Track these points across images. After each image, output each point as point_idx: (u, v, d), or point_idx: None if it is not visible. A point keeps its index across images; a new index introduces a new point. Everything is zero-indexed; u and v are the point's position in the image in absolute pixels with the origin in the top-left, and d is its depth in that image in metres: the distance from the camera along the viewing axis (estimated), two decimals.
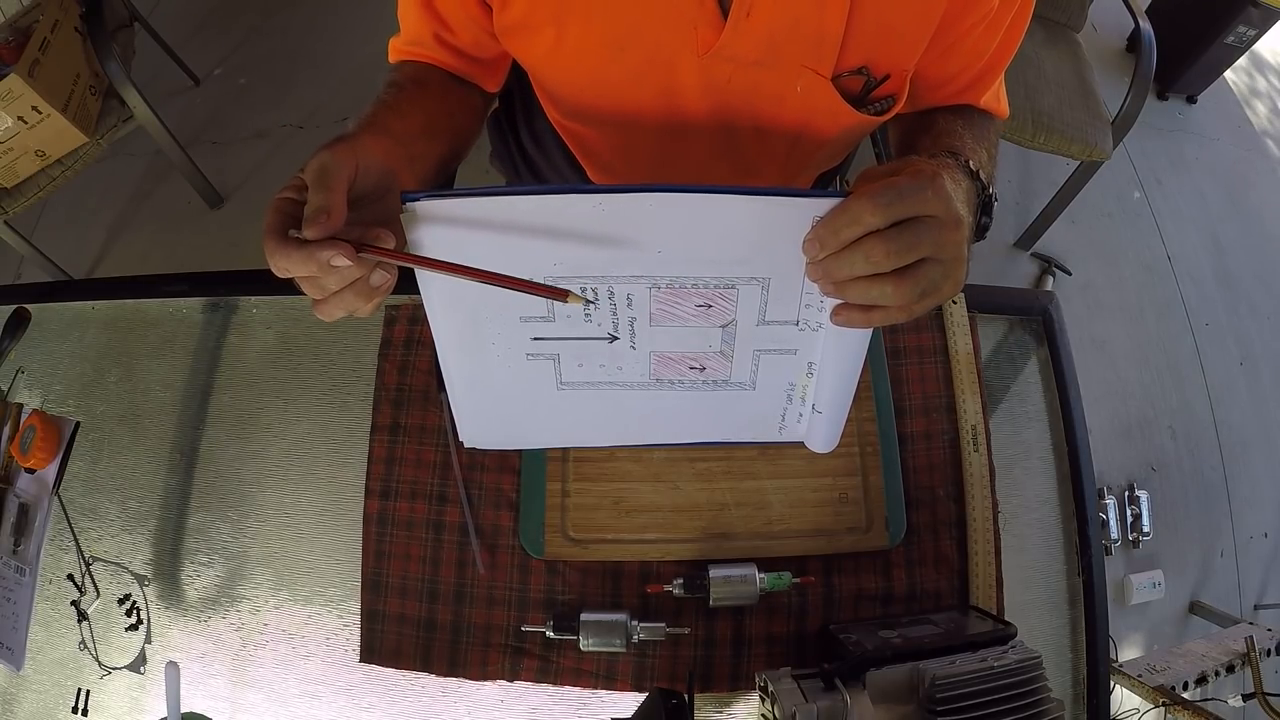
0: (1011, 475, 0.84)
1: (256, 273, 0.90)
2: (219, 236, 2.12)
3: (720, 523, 0.77)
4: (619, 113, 0.69)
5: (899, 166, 0.48)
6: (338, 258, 0.45)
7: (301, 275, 0.46)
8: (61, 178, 1.72)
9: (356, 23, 2.46)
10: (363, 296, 0.48)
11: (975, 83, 0.69)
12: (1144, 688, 1.25)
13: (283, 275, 0.47)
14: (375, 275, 0.48)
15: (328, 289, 0.47)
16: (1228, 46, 2.34)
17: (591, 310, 0.55)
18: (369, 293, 0.48)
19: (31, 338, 0.91)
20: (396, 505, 0.79)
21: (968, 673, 0.61)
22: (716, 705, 0.75)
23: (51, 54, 1.61)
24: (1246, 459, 2.03)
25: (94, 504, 0.84)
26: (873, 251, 0.44)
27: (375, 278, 0.48)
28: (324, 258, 0.45)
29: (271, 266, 0.46)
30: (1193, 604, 1.85)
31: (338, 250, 0.45)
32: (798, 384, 0.63)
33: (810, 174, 0.85)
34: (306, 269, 0.45)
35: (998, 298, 0.91)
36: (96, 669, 0.79)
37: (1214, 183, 2.42)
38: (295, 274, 0.46)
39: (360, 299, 0.48)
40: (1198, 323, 2.17)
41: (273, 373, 0.87)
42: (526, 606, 0.76)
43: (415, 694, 0.76)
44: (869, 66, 0.62)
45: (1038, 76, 1.82)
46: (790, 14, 0.57)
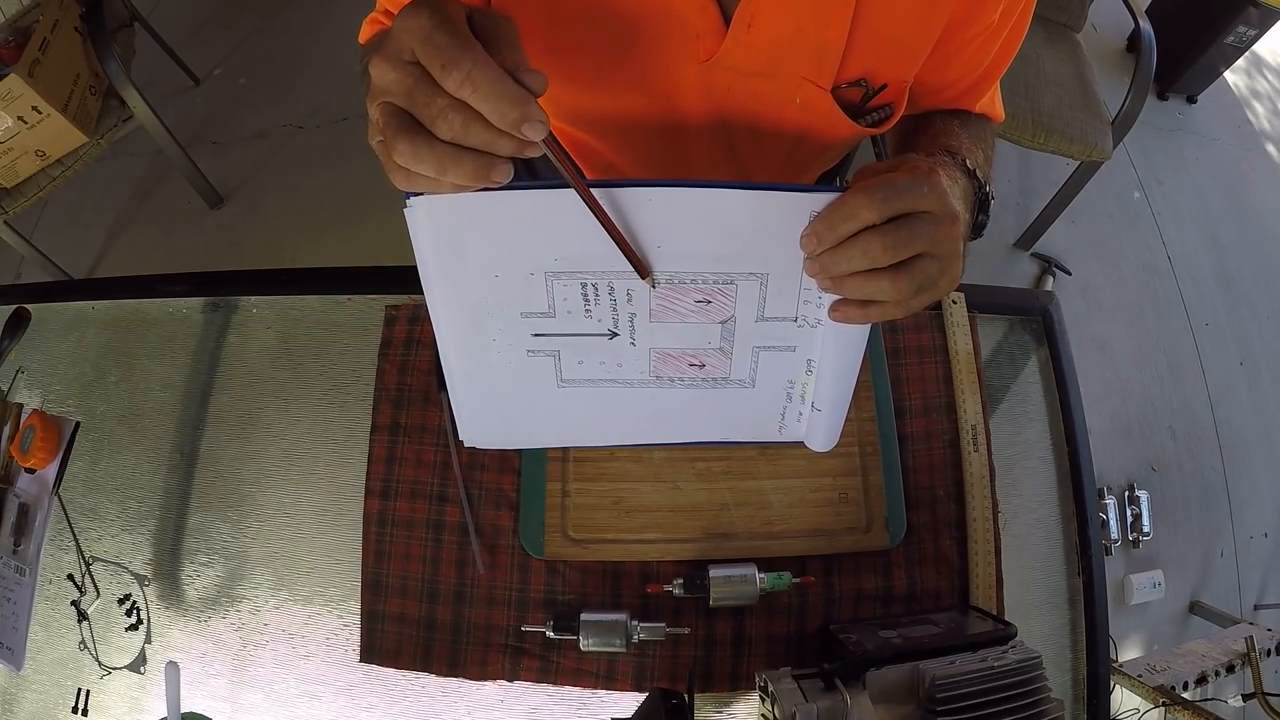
0: (1011, 475, 0.84)
1: (256, 273, 0.91)
2: (219, 236, 2.13)
3: (720, 523, 0.77)
4: (618, 117, 0.69)
5: (896, 163, 0.48)
6: (501, 168, 0.39)
7: (431, 175, 0.39)
8: (61, 178, 1.72)
9: (356, 23, 2.45)
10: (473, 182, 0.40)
11: (972, 89, 0.69)
12: (1144, 688, 1.25)
13: (407, 180, 0.40)
14: (501, 170, 0.40)
15: (445, 181, 0.40)
16: (1228, 46, 2.35)
17: (591, 306, 0.55)
18: (484, 183, 0.40)
19: (31, 338, 0.91)
20: (396, 505, 0.79)
21: (968, 673, 0.61)
22: (716, 705, 0.75)
23: (51, 54, 1.62)
24: (1246, 459, 2.03)
25: (94, 504, 0.84)
26: (869, 247, 0.44)
27: (500, 172, 0.40)
28: (498, 174, 0.39)
29: (399, 168, 0.40)
30: (1193, 604, 1.85)
31: (507, 170, 0.39)
32: (797, 381, 0.63)
33: (809, 178, 0.85)
34: (461, 177, 0.39)
35: (998, 298, 0.91)
36: (96, 669, 0.79)
37: (1214, 183, 2.43)
38: (427, 175, 0.39)
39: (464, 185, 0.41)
40: (1198, 323, 2.17)
41: (273, 373, 0.87)
42: (526, 606, 0.76)
43: (415, 694, 0.76)
44: (868, 77, 0.62)
45: (1038, 76, 1.82)
46: (791, 26, 0.57)
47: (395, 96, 0.39)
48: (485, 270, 0.52)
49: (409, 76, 0.38)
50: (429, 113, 0.38)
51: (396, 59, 0.38)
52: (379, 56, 0.39)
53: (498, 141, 0.39)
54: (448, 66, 0.37)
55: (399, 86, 0.38)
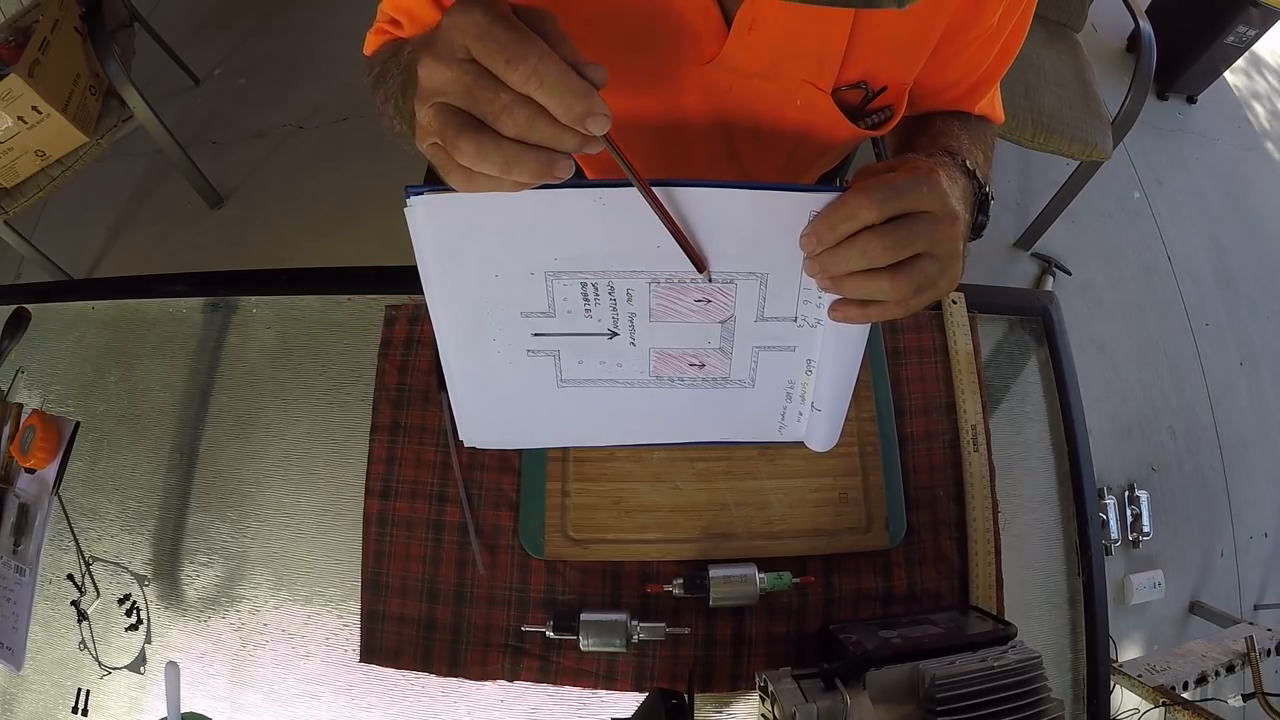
0: (1011, 475, 0.84)
1: (256, 273, 0.91)
2: (219, 236, 2.12)
3: (720, 523, 0.77)
4: (619, 116, 0.69)
5: (896, 163, 0.48)
6: (564, 164, 0.39)
7: (495, 174, 0.39)
8: (61, 178, 1.72)
9: (356, 23, 2.45)
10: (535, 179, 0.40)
11: (972, 91, 0.69)
12: (1144, 688, 1.25)
13: (468, 181, 0.39)
14: (564, 166, 0.39)
15: (508, 179, 0.39)
16: (1228, 46, 2.35)
17: (591, 305, 0.55)
18: (547, 179, 0.40)
19: (31, 338, 0.91)
20: (396, 505, 0.79)
21: (968, 673, 0.61)
22: (716, 705, 0.75)
23: (51, 54, 1.62)
24: (1246, 459, 2.03)
25: (94, 504, 0.84)
26: (869, 246, 0.45)
27: (563, 168, 0.40)
28: (560, 170, 0.39)
29: (461, 168, 0.39)
30: (1193, 604, 1.85)
31: (569, 166, 0.38)
32: (797, 381, 0.63)
33: (809, 179, 0.85)
34: (525, 174, 0.38)
35: (998, 298, 0.91)
36: (96, 669, 0.79)
37: (1214, 183, 2.42)
38: (490, 174, 0.39)
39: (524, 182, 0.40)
40: (1198, 323, 2.17)
41: (273, 373, 0.87)
42: (526, 606, 0.76)
43: (415, 694, 0.76)
44: (868, 80, 0.62)
45: (1038, 76, 1.82)
46: (792, 29, 0.57)
47: (452, 96, 0.38)
48: (485, 270, 0.52)
49: (466, 75, 0.37)
50: (493, 109, 0.37)
51: (450, 58, 0.37)
52: (429, 56, 0.38)
53: (562, 136, 0.38)
54: (513, 62, 0.36)
55: (456, 85, 0.37)
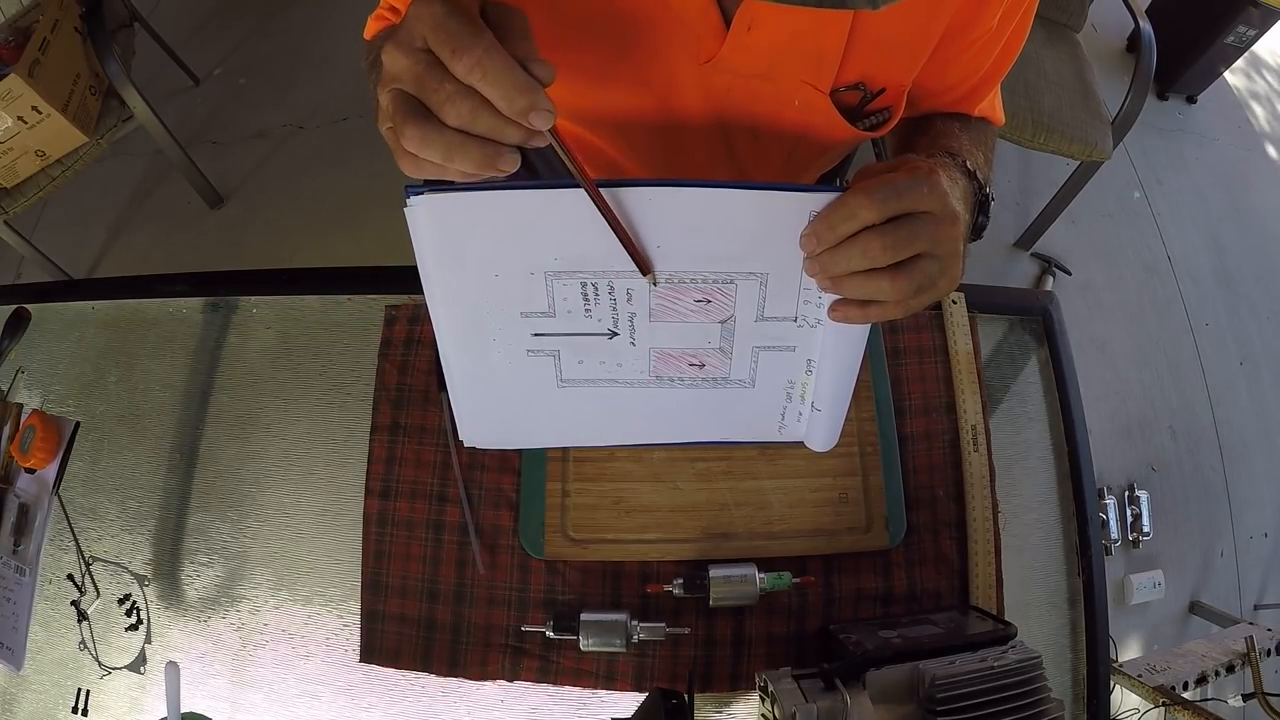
0: (1011, 475, 0.84)
1: (256, 273, 0.91)
2: (219, 236, 2.13)
3: (720, 523, 0.77)
4: (619, 116, 0.69)
5: (896, 164, 0.48)
6: (508, 157, 0.39)
7: (438, 161, 0.40)
8: (61, 178, 1.72)
9: (356, 22, 2.45)
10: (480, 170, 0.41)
11: (972, 93, 0.69)
12: (1144, 688, 1.25)
13: (415, 167, 0.41)
14: (508, 159, 0.40)
15: (451, 168, 0.40)
16: (1228, 46, 2.35)
17: (591, 305, 0.55)
18: (490, 172, 0.41)
19: (31, 338, 0.91)
20: (396, 505, 0.79)
21: (968, 673, 0.61)
22: (716, 705, 0.75)
23: (51, 54, 1.62)
24: (1246, 459, 2.03)
25: (94, 504, 0.84)
26: (869, 246, 0.45)
27: (507, 161, 0.40)
28: (504, 162, 0.39)
29: (407, 153, 0.40)
30: (1193, 604, 1.85)
31: (514, 159, 0.39)
32: (797, 381, 0.63)
33: (809, 179, 0.85)
34: (468, 163, 0.39)
35: (998, 298, 0.91)
36: (96, 669, 0.79)
37: (1214, 183, 2.43)
38: (434, 161, 0.40)
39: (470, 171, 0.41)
40: (1198, 323, 2.17)
41: (273, 373, 0.87)
42: (526, 606, 0.76)
43: (415, 694, 0.76)
44: (866, 81, 0.62)
45: (1038, 76, 1.82)
46: (791, 29, 0.57)
47: (405, 83, 0.39)
48: (485, 270, 0.52)
49: (419, 63, 0.38)
50: (438, 98, 0.39)
51: (409, 46, 0.39)
52: (391, 44, 0.39)
53: (505, 129, 0.39)
54: (458, 52, 0.37)
55: (409, 73, 0.39)
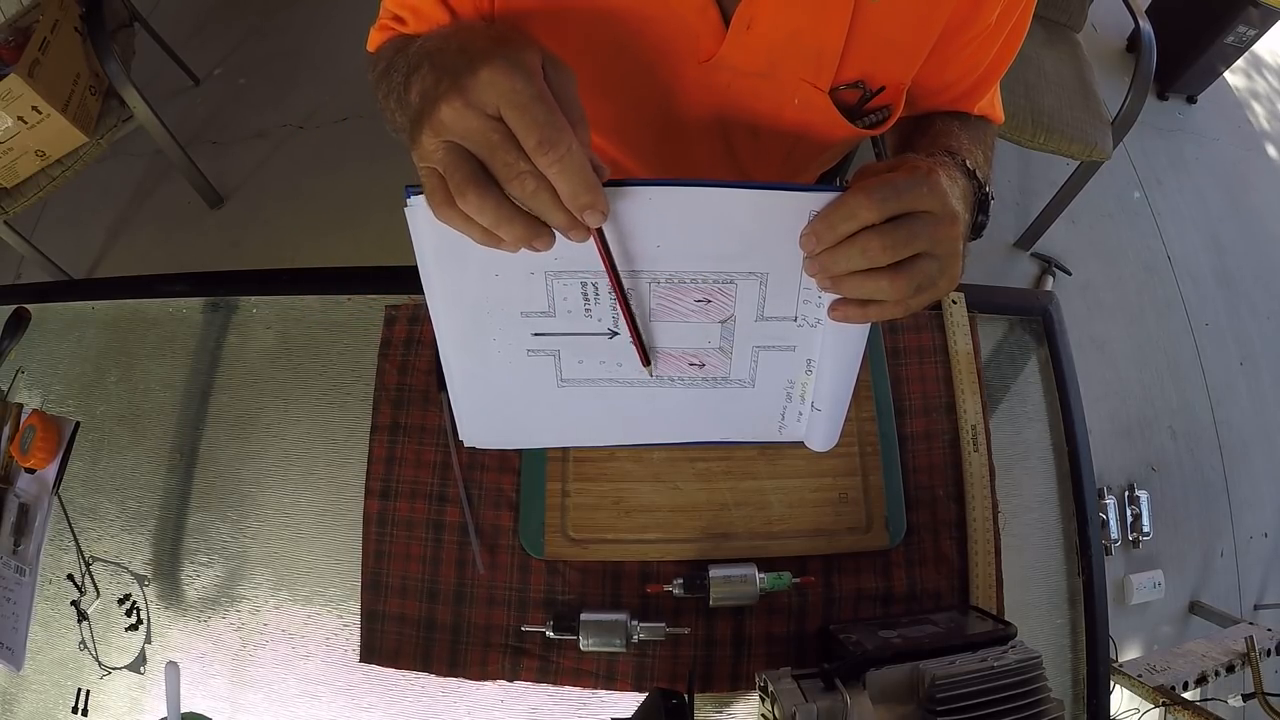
0: (1011, 475, 0.84)
1: (256, 273, 0.91)
2: (219, 236, 2.13)
3: (720, 523, 0.77)
4: (619, 115, 0.69)
5: (896, 163, 0.48)
6: (547, 238, 0.42)
7: (486, 226, 0.41)
8: (61, 178, 1.72)
9: (356, 23, 2.46)
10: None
11: (971, 91, 0.69)
12: (1144, 688, 1.25)
13: (452, 219, 0.42)
14: (545, 240, 0.42)
15: (493, 234, 0.42)
16: (1228, 46, 2.35)
17: (592, 305, 0.55)
18: (528, 247, 0.42)
19: (31, 338, 0.91)
20: (396, 505, 0.79)
21: (968, 673, 0.61)
22: (716, 705, 0.75)
23: (51, 54, 1.62)
24: (1246, 459, 2.03)
25: (94, 504, 0.84)
26: (869, 246, 0.45)
27: (545, 243, 0.43)
28: (541, 243, 0.41)
29: (452, 206, 0.41)
30: (1193, 604, 1.85)
31: (551, 239, 0.41)
32: (797, 381, 0.63)
33: (808, 178, 0.85)
34: (511, 235, 0.41)
35: (998, 298, 0.91)
36: (96, 669, 0.79)
37: (1214, 183, 2.43)
38: (482, 225, 0.41)
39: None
40: (1198, 323, 2.17)
41: (273, 373, 0.87)
42: (526, 606, 0.76)
43: (415, 694, 0.76)
44: (865, 80, 0.62)
45: (1038, 76, 1.82)
46: (790, 28, 0.57)
47: (470, 144, 0.40)
48: (485, 270, 0.52)
49: (494, 133, 0.39)
50: (508, 173, 0.39)
51: (479, 109, 0.39)
52: (460, 101, 0.39)
53: (554, 213, 0.41)
54: (543, 145, 0.38)
55: (479, 138, 0.39)
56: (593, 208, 0.41)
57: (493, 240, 0.43)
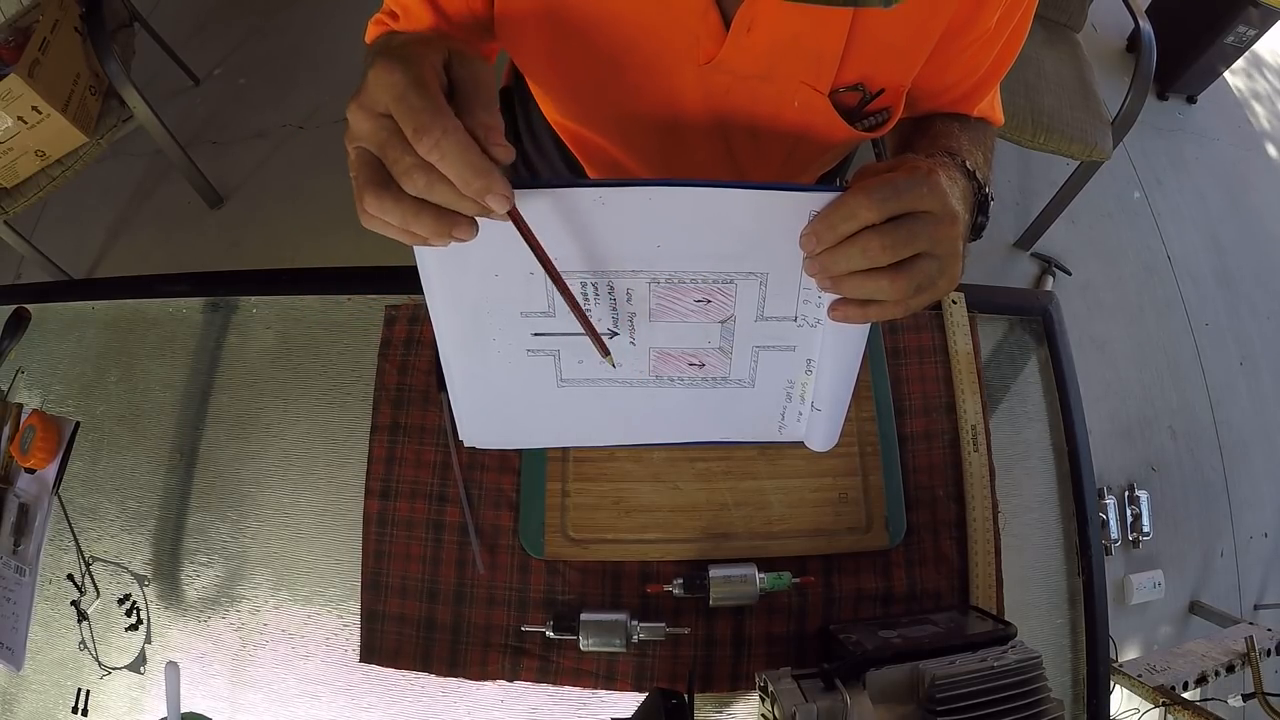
0: (1011, 475, 0.84)
1: (256, 273, 0.91)
2: (219, 236, 2.13)
3: (720, 523, 0.77)
4: (620, 116, 0.69)
5: (896, 163, 0.48)
6: (464, 227, 0.41)
7: (395, 224, 0.41)
8: (61, 178, 1.72)
9: (356, 23, 2.45)
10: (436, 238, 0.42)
11: (971, 93, 0.69)
12: (1144, 688, 1.25)
13: (372, 223, 0.42)
14: (464, 228, 0.42)
15: (409, 231, 0.41)
16: (1228, 46, 2.35)
17: (591, 305, 0.55)
18: (446, 240, 0.42)
19: (31, 338, 0.91)
20: (396, 505, 0.79)
21: (968, 673, 0.61)
22: (716, 705, 0.75)
23: (51, 54, 1.62)
24: (1246, 459, 2.03)
25: (94, 504, 0.84)
26: (869, 246, 0.45)
27: (464, 230, 0.42)
28: (460, 231, 0.41)
29: (370, 216, 0.41)
30: (1193, 604, 1.85)
31: (470, 229, 0.41)
32: (796, 381, 0.63)
33: (808, 179, 0.85)
34: (423, 230, 0.40)
35: (998, 298, 0.91)
36: (96, 669, 0.79)
37: (1214, 183, 2.43)
38: (392, 224, 0.41)
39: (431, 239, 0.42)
40: (1198, 323, 2.17)
41: (273, 373, 0.87)
42: (526, 606, 0.76)
43: (415, 694, 0.76)
44: (865, 82, 0.62)
45: (1038, 76, 1.82)
46: (790, 31, 0.57)
47: (369, 145, 0.40)
48: (485, 270, 0.52)
49: (382, 130, 0.39)
50: (398, 169, 0.39)
51: (371, 109, 0.39)
52: (355, 103, 0.40)
53: (461, 204, 0.40)
54: (419, 132, 0.38)
55: (372, 138, 0.40)
56: (489, 191, 0.39)
57: (415, 239, 0.42)
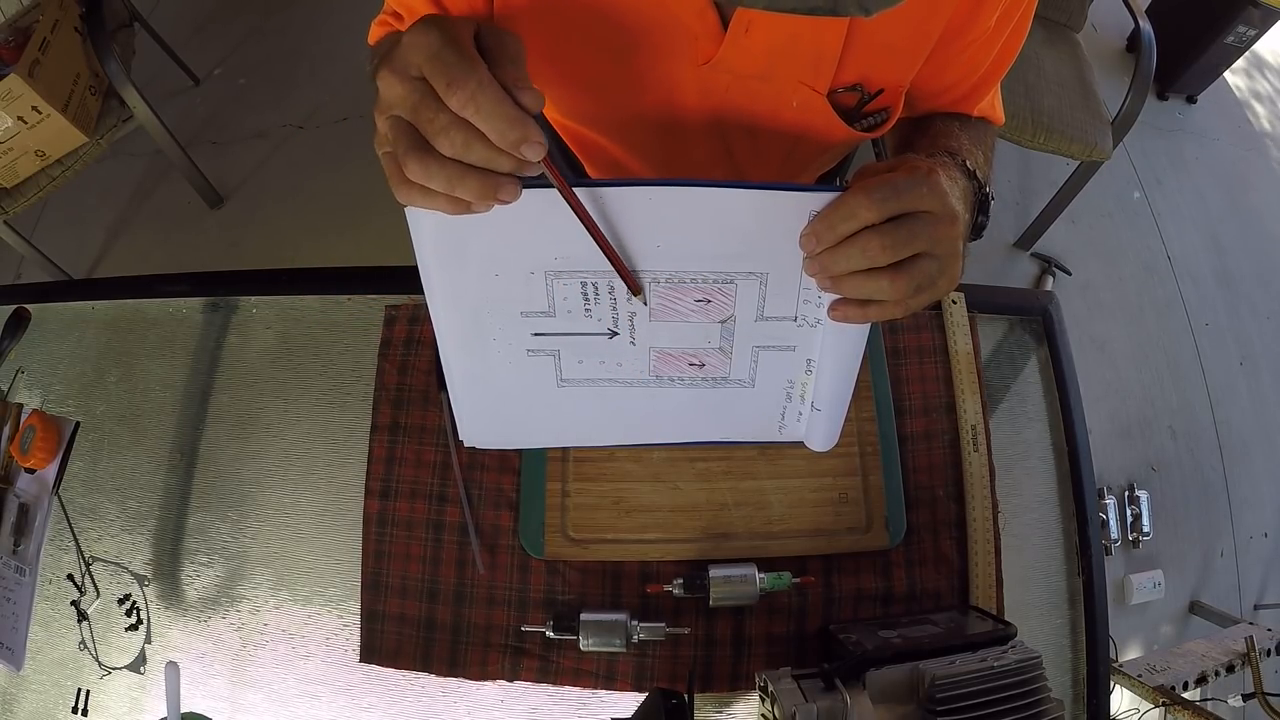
0: (1011, 475, 0.84)
1: (256, 273, 0.91)
2: (219, 236, 2.13)
3: (720, 523, 0.77)
4: (620, 116, 0.69)
5: (896, 163, 0.48)
6: (509, 187, 0.40)
7: (441, 191, 0.40)
8: (61, 178, 1.72)
9: (356, 23, 2.46)
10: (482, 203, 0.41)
11: (971, 93, 0.69)
12: (1144, 688, 1.25)
13: (410, 195, 0.41)
14: (508, 189, 0.41)
15: (453, 197, 0.41)
16: (1228, 46, 2.35)
17: (591, 305, 0.55)
18: (491, 201, 0.41)
19: (31, 338, 0.91)
20: (396, 505, 0.79)
21: (968, 673, 0.61)
22: (716, 705, 0.75)
23: (51, 54, 1.62)
24: (1246, 459, 2.03)
25: (94, 504, 0.84)
26: (869, 246, 0.45)
27: (508, 191, 0.41)
28: (505, 193, 0.40)
29: (409, 182, 0.40)
30: (1193, 604, 1.85)
31: (515, 188, 0.40)
32: (796, 381, 0.63)
33: (807, 179, 0.85)
34: (469, 193, 0.40)
35: (998, 298, 0.91)
36: (96, 669, 0.79)
37: (1214, 183, 2.43)
38: (437, 190, 0.40)
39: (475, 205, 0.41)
40: (1198, 323, 2.17)
41: (273, 373, 0.87)
42: (526, 606, 0.76)
43: (415, 694, 0.76)
44: (864, 83, 0.62)
45: (1038, 76, 1.82)
46: (789, 31, 0.57)
47: (402, 111, 0.39)
48: (485, 269, 0.52)
49: (415, 92, 0.39)
50: (432, 129, 0.39)
51: (404, 73, 0.39)
52: (387, 69, 0.39)
53: (498, 159, 0.40)
54: (453, 85, 0.37)
55: (405, 102, 0.39)
56: (525, 140, 0.39)
57: (460, 206, 0.42)
